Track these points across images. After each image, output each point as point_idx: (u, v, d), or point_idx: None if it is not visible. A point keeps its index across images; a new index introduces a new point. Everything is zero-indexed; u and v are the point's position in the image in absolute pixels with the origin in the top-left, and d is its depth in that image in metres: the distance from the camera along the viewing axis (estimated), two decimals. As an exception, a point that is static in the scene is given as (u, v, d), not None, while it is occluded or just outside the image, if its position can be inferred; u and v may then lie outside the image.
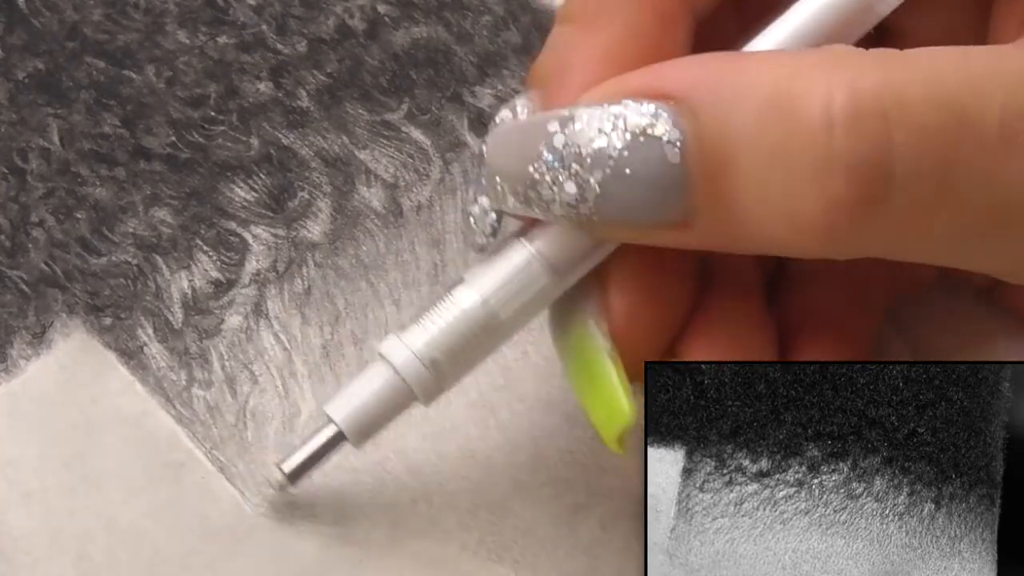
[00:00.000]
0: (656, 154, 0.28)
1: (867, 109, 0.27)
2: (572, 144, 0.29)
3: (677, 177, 0.28)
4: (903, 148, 0.27)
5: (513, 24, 0.43)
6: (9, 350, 0.37)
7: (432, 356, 0.32)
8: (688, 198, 0.29)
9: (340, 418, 0.33)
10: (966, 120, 0.27)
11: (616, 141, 0.29)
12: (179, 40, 0.42)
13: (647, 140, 0.28)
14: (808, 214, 0.28)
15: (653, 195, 0.29)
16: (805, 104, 0.27)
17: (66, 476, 0.35)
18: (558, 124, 0.29)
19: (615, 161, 0.29)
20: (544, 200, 0.30)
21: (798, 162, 0.27)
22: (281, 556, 0.35)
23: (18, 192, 0.40)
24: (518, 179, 0.30)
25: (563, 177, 0.29)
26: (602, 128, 0.29)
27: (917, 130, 0.27)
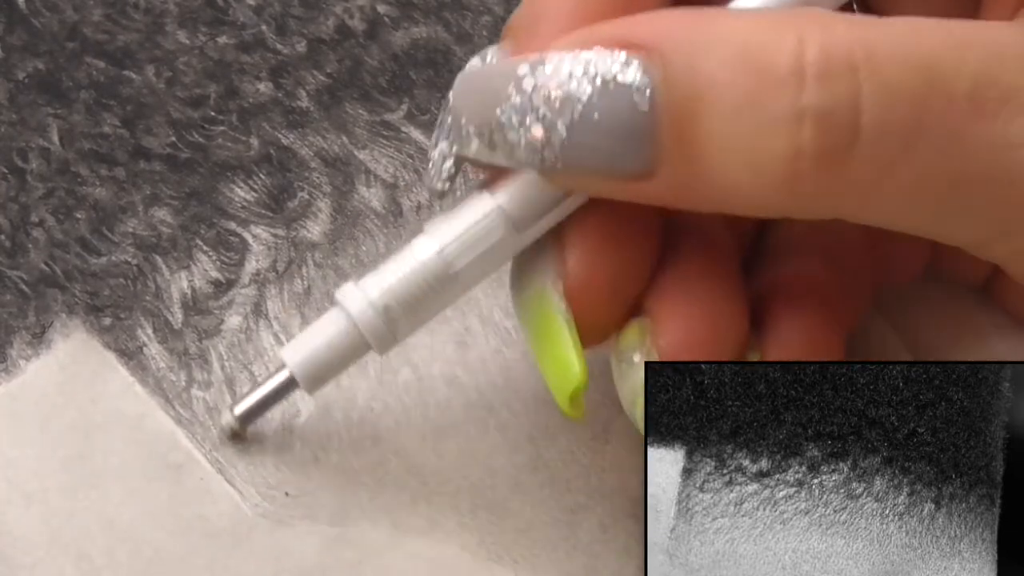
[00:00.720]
0: (625, 101, 0.28)
1: (838, 62, 0.27)
2: (541, 87, 0.29)
3: (644, 125, 0.28)
4: (871, 102, 0.27)
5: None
6: (9, 350, 0.37)
7: (387, 305, 0.32)
8: (654, 146, 0.29)
9: (293, 363, 0.33)
10: (937, 82, 0.27)
11: (585, 86, 0.29)
12: (179, 40, 0.42)
13: (616, 87, 0.28)
14: (773, 163, 0.28)
15: (619, 142, 0.29)
16: (776, 54, 0.27)
17: (66, 476, 0.35)
18: (528, 67, 0.29)
19: (583, 106, 0.29)
20: (509, 143, 0.30)
21: (766, 111, 0.27)
22: (281, 556, 0.35)
23: (18, 192, 0.40)
24: (484, 121, 0.30)
25: (530, 120, 0.29)
26: (572, 72, 0.29)
27: (887, 86, 0.27)
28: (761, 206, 0.29)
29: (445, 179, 0.32)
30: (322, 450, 0.36)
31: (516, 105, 0.29)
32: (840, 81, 0.27)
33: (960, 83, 0.27)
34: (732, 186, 0.28)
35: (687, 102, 0.28)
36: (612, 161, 0.29)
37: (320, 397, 0.37)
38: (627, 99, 0.28)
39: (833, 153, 0.27)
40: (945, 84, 0.27)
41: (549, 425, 0.37)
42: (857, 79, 0.27)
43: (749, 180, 0.28)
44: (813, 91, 0.27)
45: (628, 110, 0.28)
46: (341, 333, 0.33)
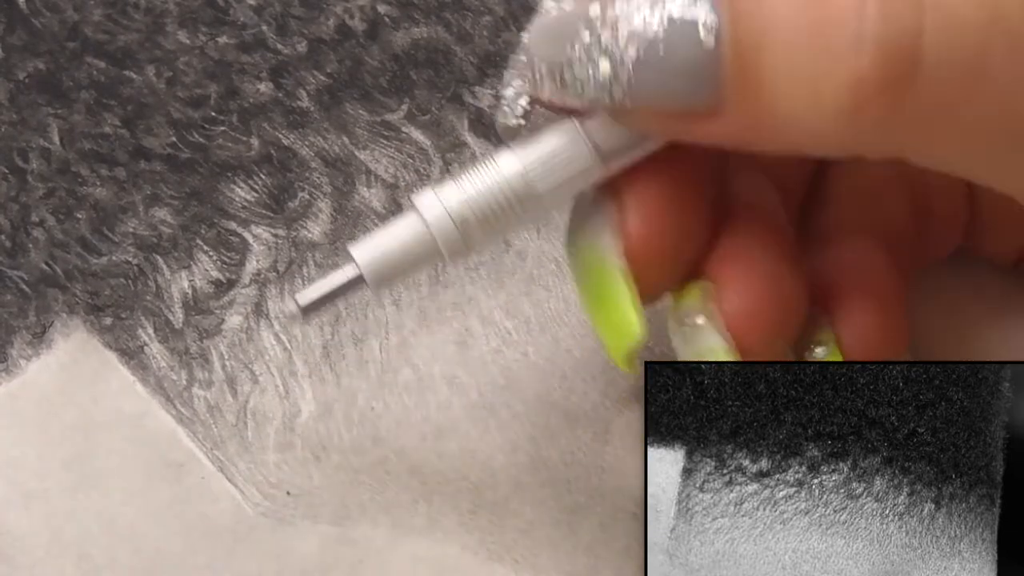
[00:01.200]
0: (691, 36, 0.29)
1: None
2: (611, 20, 0.29)
3: (710, 60, 0.29)
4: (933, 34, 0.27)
5: (513, 24, 0.43)
6: (9, 350, 0.37)
7: (464, 216, 0.32)
8: (719, 83, 0.29)
9: (362, 260, 0.33)
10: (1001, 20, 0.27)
11: (652, 22, 0.29)
12: (179, 40, 0.42)
13: (683, 23, 0.29)
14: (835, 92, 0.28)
15: (685, 78, 0.29)
16: None
17: (66, 476, 0.35)
18: (599, 6, 0.30)
19: (650, 41, 0.29)
20: (579, 80, 0.30)
21: (828, 41, 0.28)
22: (281, 556, 0.35)
23: (18, 192, 0.40)
24: (556, 59, 0.30)
25: (598, 55, 0.30)
26: (640, 9, 0.29)
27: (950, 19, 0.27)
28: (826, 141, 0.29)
29: (519, 115, 0.33)
30: (323, 450, 0.36)
31: (585, 42, 0.30)
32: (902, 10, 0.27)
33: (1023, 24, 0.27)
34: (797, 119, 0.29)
35: (752, 37, 0.28)
36: (679, 97, 0.29)
37: (321, 396, 0.37)
38: (693, 34, 0.29)
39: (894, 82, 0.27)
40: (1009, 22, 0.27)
41: (549, 425, 0.37)
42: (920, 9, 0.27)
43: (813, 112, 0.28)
44: (874, 19, 0.27)
45: (694, 45, 0.29)
46: (414, 238, 0.33)
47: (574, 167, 0.32)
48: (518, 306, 0.38)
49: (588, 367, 0.37)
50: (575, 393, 0.37)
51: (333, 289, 0.34)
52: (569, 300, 0.38)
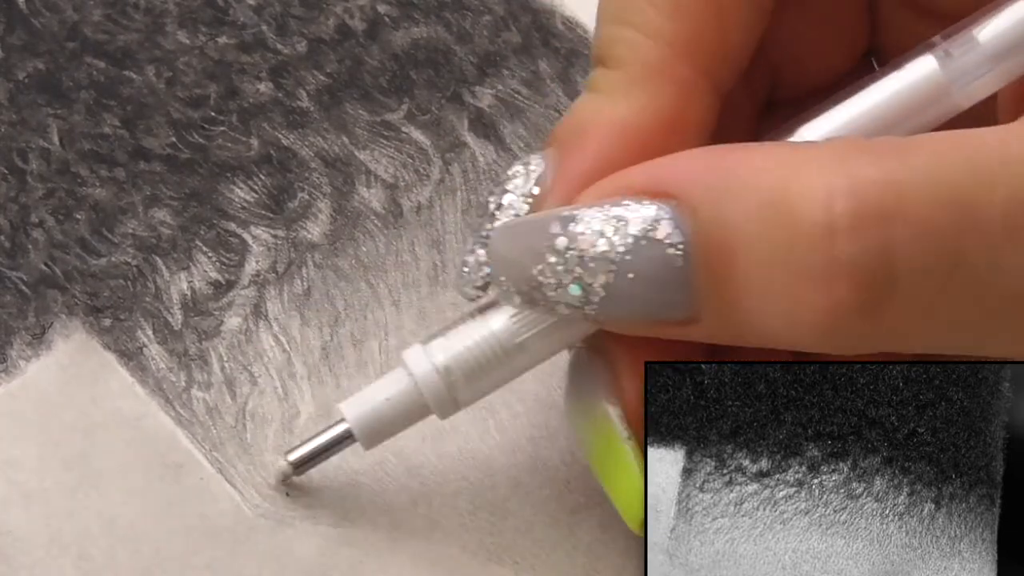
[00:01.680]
0: (659, 256, 0.29)
1: (868, 211, 0.27)
2: (575, 248, 0.29)
3: (680, 277, 0.29)
4: (906, 248, 0.27)
5: (513, 24, 0.43)
6: (9, 351, 0.37)
7: (452, 374, 0.32)
8: (692, 298, 0.29)
9: (352, 417, 0.33)
10: (968, 214, 0.27)
11: (618, 245, 0.29)
12: (179, 40, 0.42)
13: (649, 243, 0.29)
14: (811, 317, 0.28)
15: (657, 296, 0.29)
16: (805, 206, 0.27)
17: (66, 476, 0.35)
18: (559, 225, 0.30)
19: (618, 265, 0.29)
20: (550, 302, 0.30)
21: (799, 265, 0.27)
22: (281, 556, 0.35)
23: (18, 193, 0.40)
24: (522, 280, 0.30)
25: (567, 280, 0.30)
26: (604, 231, 0.29)
27: (920, 229, 0.27)
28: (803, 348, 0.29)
29: (479, 287, 0.33)
30: (322, 450, 0.36)
31: (552, 266, 0.30)
32: (873, 232, 0.27)
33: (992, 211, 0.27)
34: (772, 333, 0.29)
35: (720, 253, 0.28)
36: (653, 312, 0.29)
37: (320, 398, 0.37)
38: (661, 254, 0.29)
39: (871, 305, 0.27)
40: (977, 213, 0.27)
41: (549, 426, 0.37)
42: (890, 227, 0.27)
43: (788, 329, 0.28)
44: (846, 245, 0.27)
45: (663, 265, 0.29)
46: (403, 396, 0.33)
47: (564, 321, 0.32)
48: (518, 306, 0.38)
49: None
50: (575, 393, 0.37)
51: (322, 445, 0.34)
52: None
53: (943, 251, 0.27)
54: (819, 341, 0.28)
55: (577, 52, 0.43)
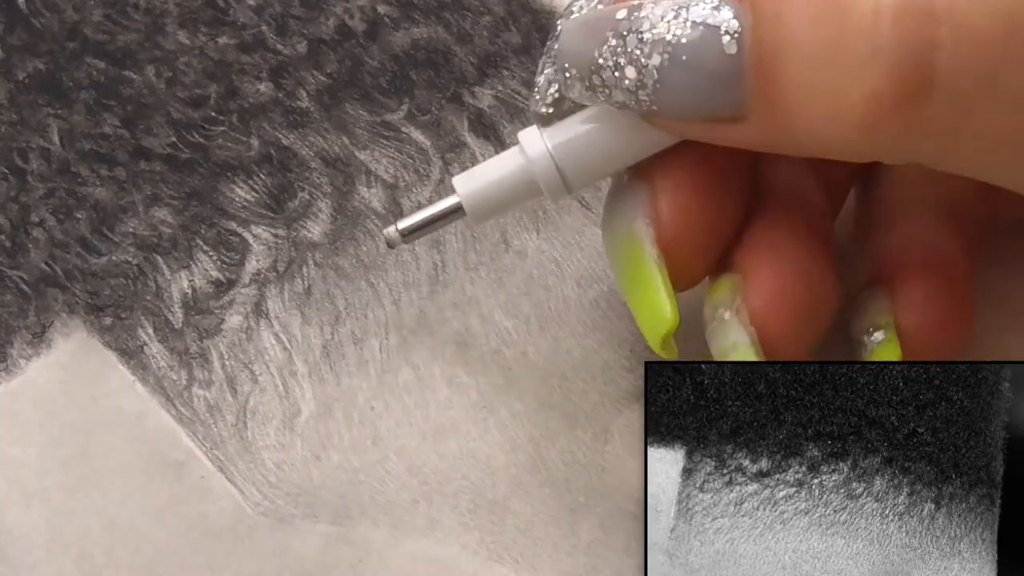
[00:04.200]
0: (714, 43, 0.29)
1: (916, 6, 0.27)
2: (636, 30, 0.30)
3: (732, 68, 0.29)
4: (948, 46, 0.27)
5: (513, 24, 0.43)
6: (9, 350, 0.37)
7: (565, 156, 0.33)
8: (742, 90, 0.29)
9: (464, 192, 0.34)
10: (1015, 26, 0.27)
11: (676, 28, 0.29)
12: (179, 40, 0.42)
13: (706, 29, 0.29)
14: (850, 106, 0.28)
15: (709, 85, 0.29)
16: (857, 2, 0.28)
17: (66, 476, 0.35)
18: (626, 11, 0.30)
19: (673, 48, 0.29)
20: (607, 85, 0.31)
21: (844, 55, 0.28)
22: (281, 556, 0.35)
23: (18, 192, 0.40)
24: (585, 64, 0.31)
25: (624, 61, 0.30)
26: (665, 16, 0.30)
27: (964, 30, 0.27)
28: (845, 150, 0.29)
29: (550, 103, 0.33)
30: (323, 449, 0.36)
31: (612, 47, 0.30)
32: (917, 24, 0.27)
33: None
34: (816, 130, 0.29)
35: (772, 46, 0.29)
36: (704, 103, 0.30)
37: (321, 396, 0.37)
38: (716, 41, 0.29)
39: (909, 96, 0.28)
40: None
41: (549, 425, 0.37)
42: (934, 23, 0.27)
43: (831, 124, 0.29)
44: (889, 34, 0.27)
45: (717, 52, 0.29)
46: (516, 175, 0.34)
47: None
48: (518, 306, 0.38)
49: (588, 367, 0.37)
50: (575, 393, 0.37)
51: (432, 216, 0.35)
52: (569, 300, 0.38)
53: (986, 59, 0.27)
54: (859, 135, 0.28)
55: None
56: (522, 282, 0.39)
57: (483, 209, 0.34)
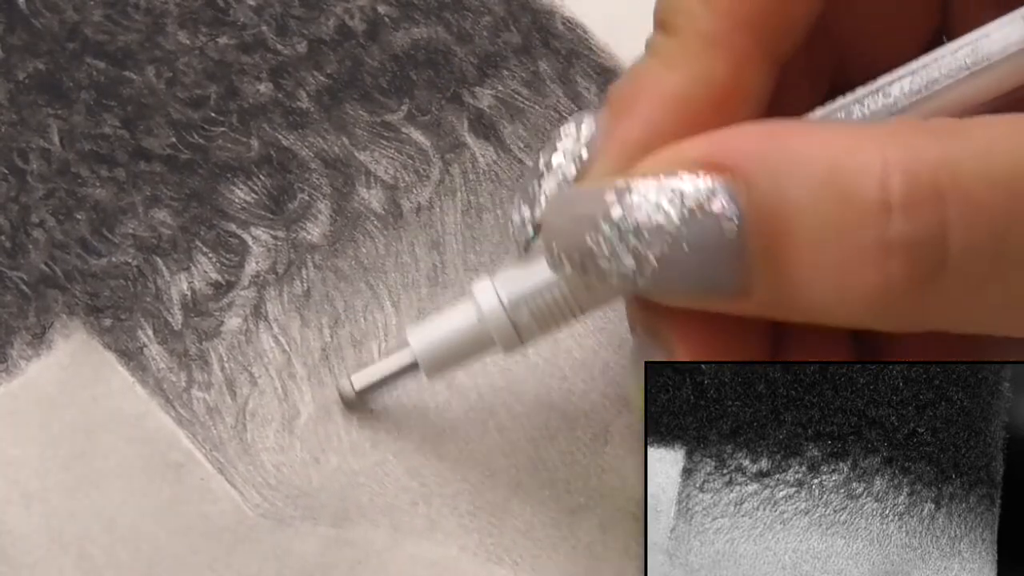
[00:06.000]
0: (713, 229, 0.29)
1: (923, 190, 0.27)
2: (630, 218, 0.29)
3: (734, 251, 0.29)
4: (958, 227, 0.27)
5: (513, 25, 0.43)
6: (9, 350, 0.37)
7: (520, 310, 0.33)
8: (745, 271, 0.29)
9: (418, 347, 0.34)
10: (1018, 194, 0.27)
11: (674, 216, 0.29)
12: (179, 41, 0.42)
13: (704, 215, 0.29)
14: (862, 292, 0.28)
15: (710, 268, 0.29)
16: (861, 183, 0.27)
17: (66, 476, 0.35)
18: (615, 195, 0.30)
19: (672, 237, 0.29)
20: (602, 271, 0.30)
21: (853, 240, 0.27)
22: (281, 556, 0.35)
23: (18, 193, 0.40)
24: (575, 248, 0.30)
25: (621, 250, 0.30)
26: (659, 203, 0.29)
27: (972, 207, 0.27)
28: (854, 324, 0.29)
29: (523, 246, 0.33)
30: (322, 451, 0.36)
31: (606, 235, 0.30)
32: (927, 210, 0.27)
33: None
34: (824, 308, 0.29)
35: (774, 227, 0.28)
36: (705, 284, 0.29)
37: (320, 398, 0.37)
38: (715, 228, 0.29)
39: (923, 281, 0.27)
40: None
41: (549, 426, 0.37)
42: (943, 206, 0.27)
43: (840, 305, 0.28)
44: (900, 222, 0.27)
45: (717, 237, 0.29)
46: (469, 329, 0.34)
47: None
48: (518, 307, 0.38)
49: (588, 367, 0.37)
50: (575, 394, 0.37)
51: (388, 374, 0.35)
52: (569, 301, 0.38)
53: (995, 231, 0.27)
54: (870, 317, 0.28)
55: (577, 53, 0.43)
56: (522, 283, 0.39)
57: (437, 364, 0.34)
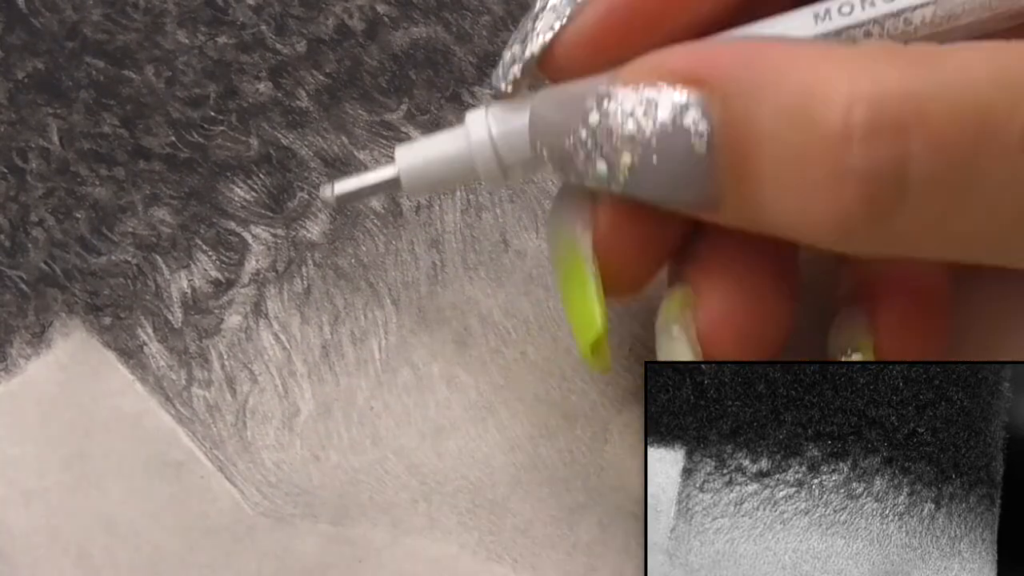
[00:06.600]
0: (683, 143, 0.29)
1: (885, 122, 0.27)
2: (605, 125, 0.30)
3: (702, 166, 0.29)
4: (919, 161, 0.27)
5: (512, 24, 0.43)
6: (9, 349, 0.37)
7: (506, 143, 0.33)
8: (714, 185, 0.29)
9: (403, 166, 0.34)
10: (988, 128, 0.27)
11: (646, 127, 0.29)
12: (178, 40, 0.42)
13: (675, 129, 0.29)
14: (822, 217, 0.28)
15: (680, 181, 0.29)
16: (826, 110, 0.27)
17: (66, 475, 0.35)
18: (594, 100, 0.30)
19: (643, 147, 0.29)
20: (578, 172, 0.31)
21: (815, 167, 0.28)
22: (281, 555, 0.35)
23: (18, 192, 0.40)
24: (555, 148, 0.31)
25: (595, 156, 0.30)
26: (634, 112, 0.30)
27: (936, 142, 0.27)
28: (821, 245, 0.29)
29: (510, 82, 0.33)
30: (322, 449, 0.36)
31: (582, 139, 0.30)
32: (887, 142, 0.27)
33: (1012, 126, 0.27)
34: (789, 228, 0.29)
35: (742, 148, 0.29)
36: (675, 196, 0.30)
37: (320, 396, 0.37)
38: (685, 141, 0.29)
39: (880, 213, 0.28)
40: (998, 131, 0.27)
41: (548, 425, 0.37)
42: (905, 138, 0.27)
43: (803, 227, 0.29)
44: (859, 153, 0.27)
45: (686, 152, 0.29)
46: (456, 155, 0.34)
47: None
48: (517, 305, 0.38)
49: (587, 367, 0.37)
50: (574, 392, 0.37)
51: (368, 185, 0.35)
52: (568, 300, 0.38)
53: (958, 165, 0.27)
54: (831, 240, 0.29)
55: (576, 52, 0.43)
56: (521, 282, 0.39)
57: (420, 184, 0.35)
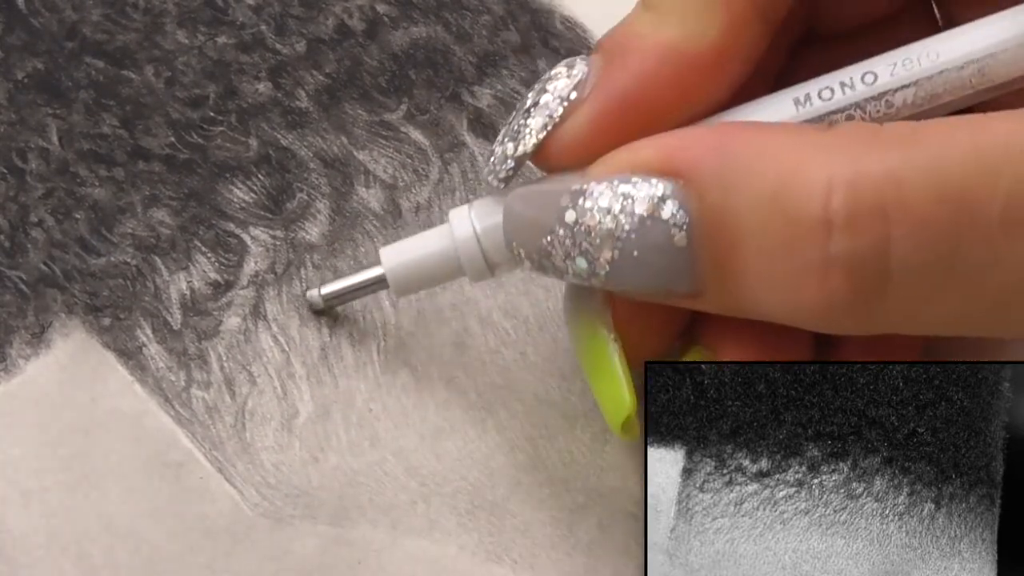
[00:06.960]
0: (663, 237, 0.29)
1: (865, 207, 0.27)
2: (582, 222, 0.30)
3: (684, 258, 0.29)
4: (902, 244, 0.27)
5: (512, 24, 0.43)
6: (8, 350, 0.37)
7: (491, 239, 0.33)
8: (696, 276, 0.29)
9: (389, 266, 0.35)
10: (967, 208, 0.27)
11: (624, 223, 0.30)
12: (178, 40, 0.42)
13: (654, 223, 0.29)
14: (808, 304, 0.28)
15: (661, 273, 0.30)
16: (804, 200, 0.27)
17: (66, 476, 0.35)
18: (569, 199, 0.30)
19: (623, 243, 0.30)
20: (557, 269, 0.31)
21: (798, 256, 0.28)
22: (280, 556, 0.35)
23: (17, 192, 0.39)
24: (532, 248, 0.31)
25: (574, 253, 0.30)
26: (611, 208, 0.30)
27: (917, 224, 0.27)
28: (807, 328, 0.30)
29: (502, 178, 0.33)
30: (321, 451, 0.36)
31: (560, 237, 0.30)
32: (868, 228, 0.27)
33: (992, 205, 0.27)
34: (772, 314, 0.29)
35: (723, 239, 0.29)
36: (657, 287, 0.30)
37: (319, 398, 0.37)
38: (665, 235, 0.29)
39: (865, 300, 0.28)
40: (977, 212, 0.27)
41: (548, 425, 0.37)
42: (886, 223, 0.27)
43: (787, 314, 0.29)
44: (841, 240, 0.27)
45: (666, 245, 0.29)
46: (440, 252, 0.34)
47: None
48: (516, 306, 0.38)
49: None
50: (574, 393, 0.37)
51: (355, 285, 0.36)
52: (568, 301, 0.38)
53: (940, 246, 0.27)
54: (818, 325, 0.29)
55: (576, 52, 0.43)
56: (520, 283, 0.39)
57: (407, 284, 0.35)
